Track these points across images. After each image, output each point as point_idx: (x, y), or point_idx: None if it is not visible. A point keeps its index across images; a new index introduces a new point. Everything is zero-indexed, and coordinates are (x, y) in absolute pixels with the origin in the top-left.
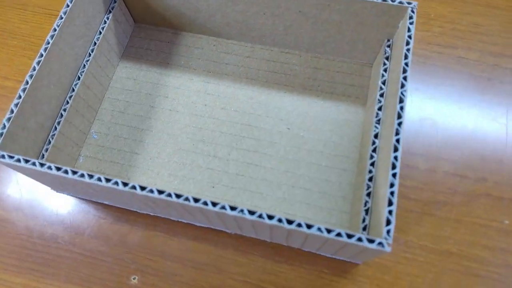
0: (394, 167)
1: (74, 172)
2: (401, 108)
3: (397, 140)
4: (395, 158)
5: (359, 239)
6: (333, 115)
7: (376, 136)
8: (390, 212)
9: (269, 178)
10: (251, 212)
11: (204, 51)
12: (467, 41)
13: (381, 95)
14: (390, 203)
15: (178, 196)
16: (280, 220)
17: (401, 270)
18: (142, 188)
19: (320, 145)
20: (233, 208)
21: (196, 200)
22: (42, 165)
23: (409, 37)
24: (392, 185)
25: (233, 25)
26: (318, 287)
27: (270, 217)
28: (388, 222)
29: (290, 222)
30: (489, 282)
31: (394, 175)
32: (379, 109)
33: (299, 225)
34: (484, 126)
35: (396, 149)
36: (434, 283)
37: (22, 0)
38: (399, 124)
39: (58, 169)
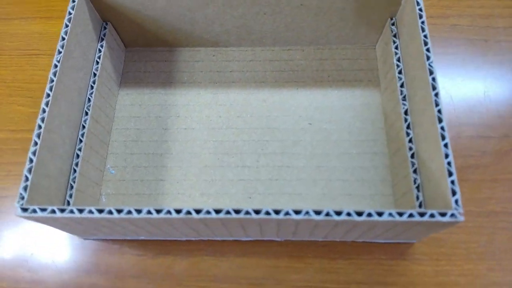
0: (443, 137)
1: (119, 211)
2: (433, 79)
3: (439, 111)
4: (442, 128)
5: (432, 215)
6: (350, 101)
7: (405, 112)
8: (452, 182)
9: (304, 177)
10: (317, 212)
11: (205, 63)
12: (456, 9)
13: (400, 72)
14: (450, 174)
15: (237, 211)
16: (349, 214)
17: (455, 239)
18: (198, 212)
19: (345, 134)
20: (297, 212)
21: (257, 212)
22: (80, 211)
23: (420, 10)
24: (447, 156)
25: (231, 32)
26: (380, 274)
27: (338, 213)
28: (454, 192)
29: (359, 214)
30: None
31: (446, 145)
32: (402, 86)
33: (369, 214)
34: (493, 85)
35: (440, 120)
36: (488, 245)
37: None
38: (436, 95)
39: (100, 211)
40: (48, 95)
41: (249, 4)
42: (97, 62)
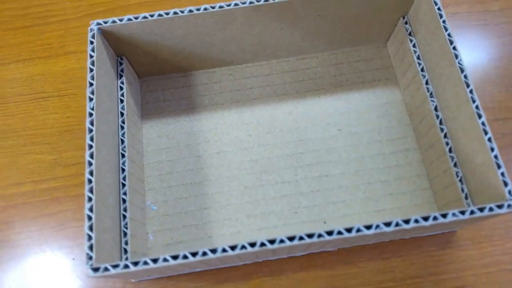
0: (486, 132)
1: (194, 254)
2: (465, 76)
3: (477, 107)
4: (483, 124)
5: (491, 209)
6: (373, 102)
7: (435, 109)
8: (502, 174)
9: (344, 184)
10: (387, 224)
11: (223, 84)
12: None
13: (422, 70)
14: (499, 166)
15: (310, 236)
16: (416, 221)
17: (493, 221)
18: (271, 242)
19: (375, 135)
20: (368, 227)
21: (329, 233)
22: (155, 260)
23: (439, 9)
24: (493, 150)
25: (247, 49)
26: (432, 266)
27: (406, 222)
28: (506, 184)
29: (425, 219)
30: None
31: (490, 139)
32: (427, 83)
33: (435, 218)
34: (500, 68)
35: (480, 116)
36: None
37: None
38: (471, 91)
39: (175, 257)
40: (91, 146)
41: (267, 21)
42: (122, 101)
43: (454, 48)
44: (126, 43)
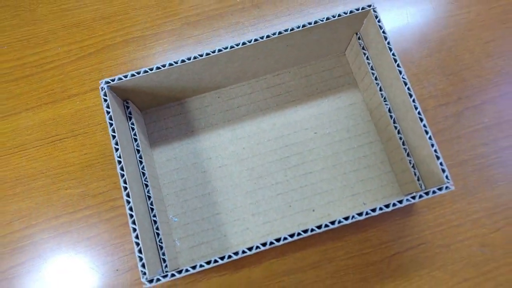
0: (427, 132)
1: (222, 258)
2: (409, 88)
3: (419, 113)
4: (424, 126)
5: (434, 192)
6: (340, 105)
7: (389, 110)
8: (441, 163)
9: (325, 177)
10: (360, 214)
11: (214, 106)
12: None
13: (375, 78)
14: (438, 157)
15: (304, 231)
16: (381, 208)
17: None
18: (278, 240)
19: (345, 133)
20: (346, 218)
21: (319, 227)
22: (194, 267)
23: (384, 32)
24: (433, 145)
25: (231, 76)
26: (399, 231)
27: (373, 210)
28: (444, 170)
29: (387, 206)
30: (503, 162)
31: (430, 137)
32: (381, 89)
33: (394, 204)
34: (441, 58)
35: (421, 120)
36: (465, 186)
37: (17, 141)
38: (414, 100)
39: (208, 263)
40: (126, 188)
41: (246, 56)
42: (135, 139)
43: (398, 65)
44: (130, 91)
